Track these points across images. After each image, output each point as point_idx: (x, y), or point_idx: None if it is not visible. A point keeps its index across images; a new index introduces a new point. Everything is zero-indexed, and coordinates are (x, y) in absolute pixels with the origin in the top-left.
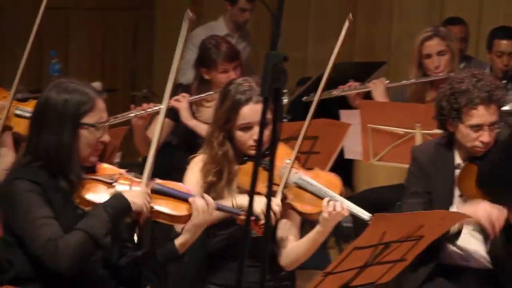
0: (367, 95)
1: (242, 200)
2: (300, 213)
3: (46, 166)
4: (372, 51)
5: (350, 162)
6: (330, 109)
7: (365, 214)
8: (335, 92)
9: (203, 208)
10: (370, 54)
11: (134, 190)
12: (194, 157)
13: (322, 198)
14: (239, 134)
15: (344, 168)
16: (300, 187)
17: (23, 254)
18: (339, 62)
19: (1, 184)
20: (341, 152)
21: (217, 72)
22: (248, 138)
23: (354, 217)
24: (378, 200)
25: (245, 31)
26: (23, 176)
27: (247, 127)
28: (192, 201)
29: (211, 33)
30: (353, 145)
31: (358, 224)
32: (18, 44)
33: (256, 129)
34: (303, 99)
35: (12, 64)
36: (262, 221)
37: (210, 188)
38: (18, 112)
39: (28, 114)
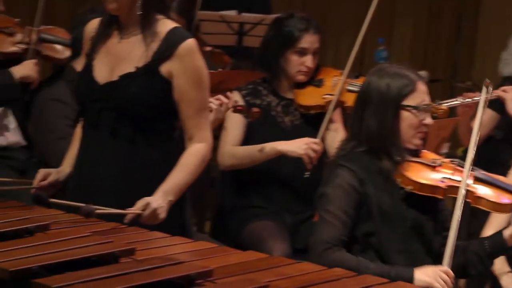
0: None
1: None
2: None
3: (370, 150)
4: None
5: None
6: None
7: None
8: None
9: None
10: None
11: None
12: None
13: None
14: None
15: None
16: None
17: None
18: None
19: (330, 165)
20: None
21: None
22: None
23: None
24: None
25: None
26: (347, 164)
27: None
28: None
29: None
30: None
31: None
32: (340, 32)
33: None
34: None
35: (333, 51)
36: None
37: None
38: (350, 87)
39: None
